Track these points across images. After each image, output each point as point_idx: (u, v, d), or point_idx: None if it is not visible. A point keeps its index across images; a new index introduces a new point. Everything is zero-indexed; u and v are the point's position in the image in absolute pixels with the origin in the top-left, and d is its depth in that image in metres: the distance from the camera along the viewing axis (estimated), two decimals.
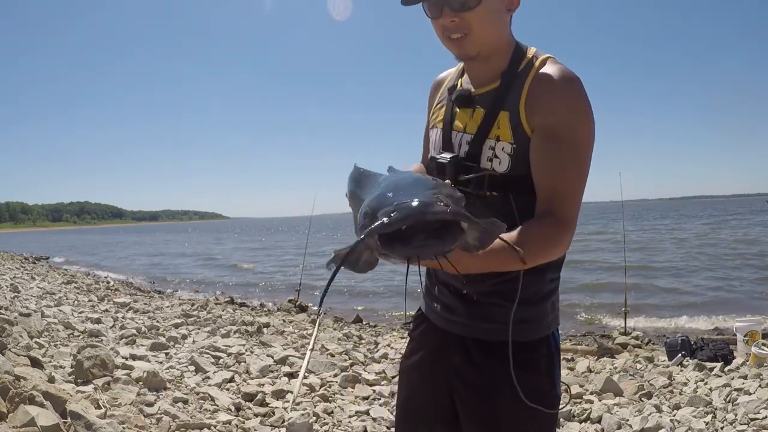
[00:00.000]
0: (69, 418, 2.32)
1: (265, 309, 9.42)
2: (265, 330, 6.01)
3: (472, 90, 1.18)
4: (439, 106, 1.29)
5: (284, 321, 7.30)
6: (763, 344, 4.34)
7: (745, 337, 4.72)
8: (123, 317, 6.51)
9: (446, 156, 1.15)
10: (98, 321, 5.85)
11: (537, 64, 1.12)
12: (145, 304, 8.28)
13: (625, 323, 6.86)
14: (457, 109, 1.19)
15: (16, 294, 7.84)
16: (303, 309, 9.22)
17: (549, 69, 1.10)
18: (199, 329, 5.87)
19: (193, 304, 8.72)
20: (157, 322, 6.28)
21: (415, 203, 0.67)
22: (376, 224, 0.67)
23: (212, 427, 2.90)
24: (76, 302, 7.87)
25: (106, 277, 14.95)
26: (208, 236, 57.92)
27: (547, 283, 1.19)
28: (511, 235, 0.95)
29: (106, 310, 7.16)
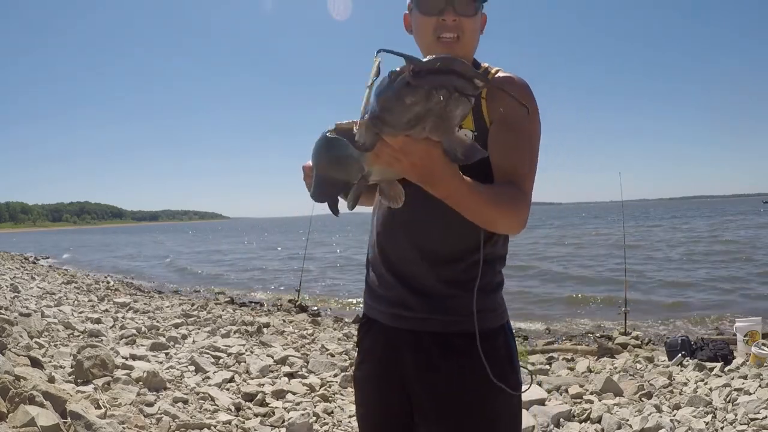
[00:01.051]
0: (69, 418, 2.32)
1: (265, 309, 9.41)
2: (265, 330, 6.01)
3: None
4: None
5: (284, 321, 7.30)
6: (763, 344, 4.34)
7: (745, 337, 4.72)
8: (123, 317, 6.52)
9: None
10: (98, 321, 5.85)
11: (492, 71, 1.25)
12: (145, 304, 8.28)
13: (625, 323, 6.85)
14: None
15: (16, 294, 7.85)
16: (303, 309, 9.22)
17: (504, 74, 1.24)
18: (199, 329, 5.87)
19: (193, 304, 8.72)
20: (157, 322, 6.28)
21: (442, 55, 0.74)
22: (414, 61, 0.73)
23: (212, 427, 2.90)
24: (76, 302, 7.87)
25: (106, 277, 14.95)
26: (208, 236, 57.93)
27: (498, 274, 1.26)
28: (487, 184, 1.05)
29: (106, 310, 7.16)
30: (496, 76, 1.22)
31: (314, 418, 3.21)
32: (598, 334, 6.87)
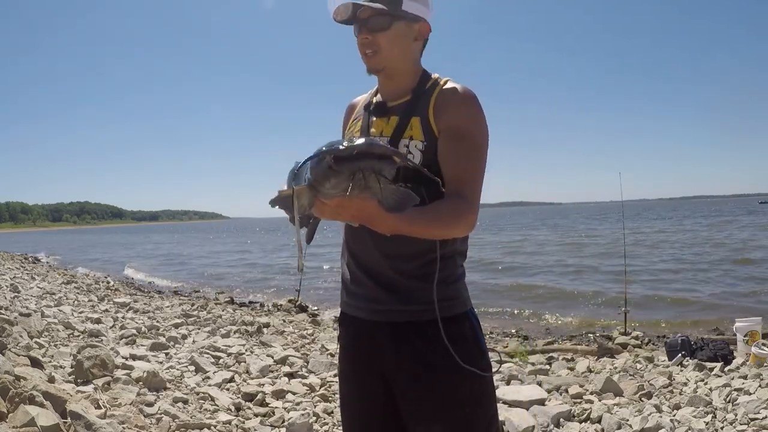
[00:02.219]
0: (69, 418, 2.32)
1: (265, 309, 9.41)
2: (265, 330, 6.01)
3: (388, 103, 1.39)
4: (355, 121, 1.49)
5: (284, 321, 7.30)
6: (763, 344, 4.34)
7: (745, 337, 4.72)
8: (123, 317, 6.52)
9: None
10: (98, 321, 5.86)
11: (441, 82, 1.35)
12: (145, 304, 8.28)
13: (625, 323, 6.86)
14: (374, 118, 1.40)
15: (16, 294, 7.85)
16: (303, 309, 9.22)
17: (452, 85, 1.34)
18: (199, 329, 5.87)
19: (193, 304, 8.71)
20: (157, 322, 6.29)
21: (363, 140, 0.87)
22: (333, 147, 0.87)
23: (212, 427, 2.90)
24: (76, 302, 7.87)
25: (106, 277, 14.95)
26: (209, 236, 57.94)
27: (459, 267, 1.37)
28: (428, 206, 1.16)
29: (106, 310, 7.16)
30: (444, 87, 1.33)
31: (314, 418, 3.20)
32: (598, 334, 6.87)
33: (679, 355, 4.72)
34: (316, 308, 9.69)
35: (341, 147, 0.86)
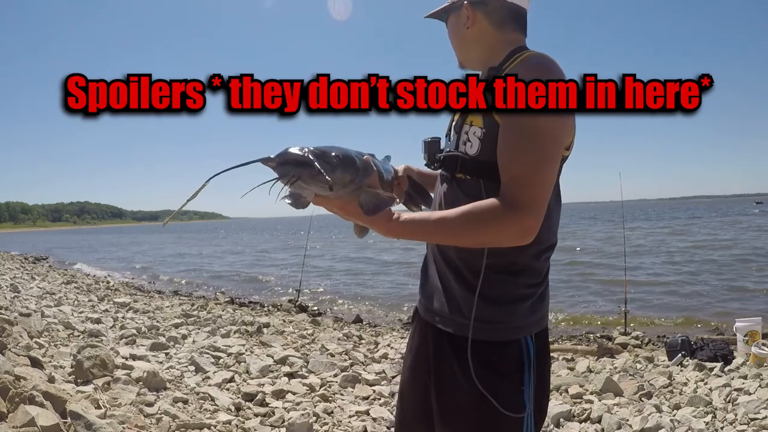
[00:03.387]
0: (69, 418, 2.32)
1: (265, 309, 9.41)
2: (265, 330, 6.00)
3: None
4: None
5: (284, 321, 7.30)
6: (763, 344, 4.34)
7: (745, 337, 4.72)
8: (123, 317, 6.51)
9: (428, 138, 1.35)
10: (98, 321, 5.85)
11: (517, 60, 1.17)
12: (145, 304, 8.28)
13: (626, 323, 6.86)
14: None
15: (16, 294, 7.84)
16: (303, 309, 9.22)
17: (526, 57, 1.16)
18: (199, 329, 5.87)
19: (193, 304, 8.71)
20: (157, 322, 6.28)
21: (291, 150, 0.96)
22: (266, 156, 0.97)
23: (212, 427, 2.90)
24: (76, 302, 7.87)
25: (106, 277, 14.95)
26: (208, 236, 57.93)
27: (522, 287, 1.18)
28: (453, 209, 1.08)
29: (106, 310, 7.16)
30: (514, 65, 1.17)
31: (314, 418, 3.20)
32: (598, 334, 6.87)
33: (679, 355, 4.72)
34: (316, 308, 9.69)
35: (271, 156, 0.96)
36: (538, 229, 1.07)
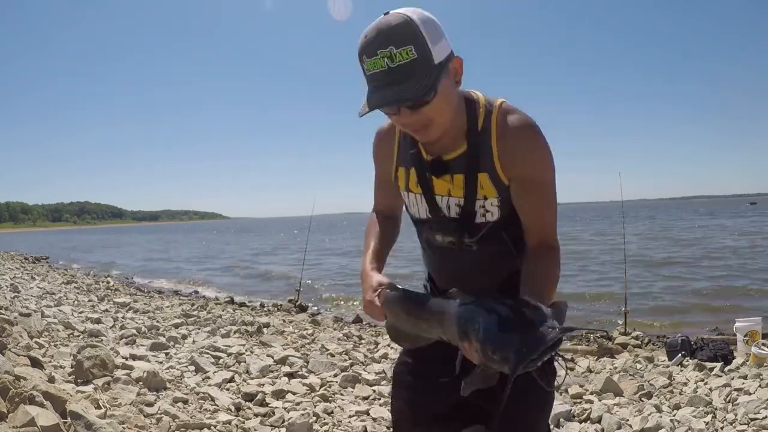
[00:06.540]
0: (69, 418, 2.32)
1: (265, 309, 9.41)
2: (265, 330, 6.00)
3: (443, 157, 1.25)
4: (396, 166, 1.36)
5: (284, 321, 7.30)
6: (763, 344, 4.34)
7: (745, 337, 4.72)
8: (123, 317, 6.51)
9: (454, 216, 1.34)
10: (98, 321, 5.85)
11: (495, 117, 1.21)
12: (145, 304, 8.28)
13: (625, 323, 6.85)
14: (433, 177, 1.28)
15: (16, 294, 7.84)
16: (303, 309, 9.22)
17: (510, 121, 1.20)
18: (199, 329, 5.87)
19: (193, 304, 8.72)
20: (157, 322, 6.28)
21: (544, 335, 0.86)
22: (525, 357, 0.85)
23: (212, 427, 2.89)
24: (76, 302, 7.87)
25: (106, 277, 14.95)
26: (208, 236, 57.90)
27: None
28: (534, 285, 1.15)
29: (106, 310, 7.16)
30: (501, 126, 1.20)
31: (314, 418, 3.20)
32: (598, 335, 6.87)
33: (679, 355, 4.72)
34: (316, 308, 9.69)
35: (533, 357, 0.85)
36: None
